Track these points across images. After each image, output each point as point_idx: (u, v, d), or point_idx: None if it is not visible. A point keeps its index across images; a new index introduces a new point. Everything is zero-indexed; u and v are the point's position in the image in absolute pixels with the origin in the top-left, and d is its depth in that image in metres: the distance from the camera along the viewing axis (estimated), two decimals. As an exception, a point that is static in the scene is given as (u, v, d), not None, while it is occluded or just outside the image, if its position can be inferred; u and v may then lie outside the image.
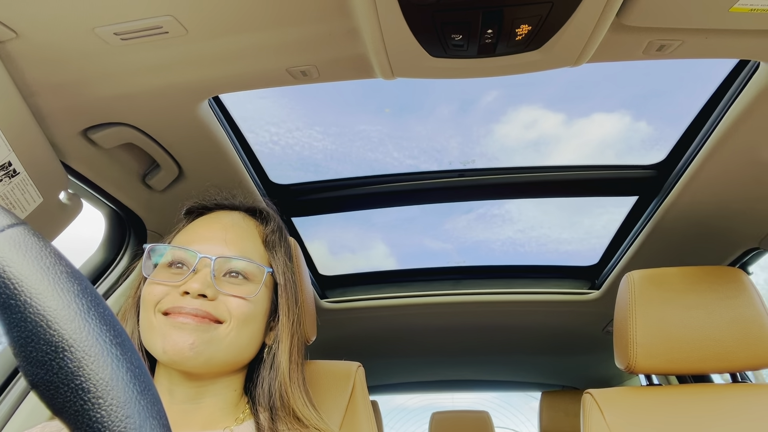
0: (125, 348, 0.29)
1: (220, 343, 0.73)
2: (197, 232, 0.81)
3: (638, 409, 1.15)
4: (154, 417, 0.28)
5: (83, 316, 0.28)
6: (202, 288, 0.72)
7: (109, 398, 0.27)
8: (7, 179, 0.81)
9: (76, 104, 0.92)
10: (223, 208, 0.88)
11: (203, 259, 0.75)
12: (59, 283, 0.28)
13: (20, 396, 1.06)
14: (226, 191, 0.91)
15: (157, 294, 0.73)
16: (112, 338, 0.29)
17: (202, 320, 0.71)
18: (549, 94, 1.70)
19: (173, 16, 0.75)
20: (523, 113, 1.77)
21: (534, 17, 0.73)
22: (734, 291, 1.20)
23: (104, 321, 0.29)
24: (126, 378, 0.28)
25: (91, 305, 0.29)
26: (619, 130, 1.75)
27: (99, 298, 0.30)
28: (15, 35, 0.75)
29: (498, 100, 1.69)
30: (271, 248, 0.85)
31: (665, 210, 1.36)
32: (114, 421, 0.27)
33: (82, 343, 0.27)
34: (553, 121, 1.76)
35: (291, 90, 1.55)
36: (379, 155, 1.70)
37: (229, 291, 0.75)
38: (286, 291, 0.83)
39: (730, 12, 0.73)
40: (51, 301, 0.27)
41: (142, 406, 0.28)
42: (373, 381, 2.91)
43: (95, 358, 0.27)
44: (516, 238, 2.13)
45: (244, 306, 0.76)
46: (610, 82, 1.56)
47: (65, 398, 0.27)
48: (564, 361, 2.61)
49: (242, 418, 0.78)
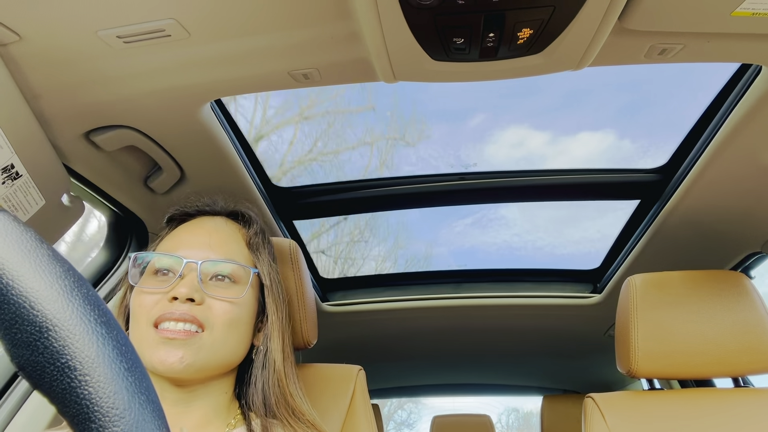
0: (110, 326, 0.29)
1: (209, 350, 0.73)
2: (181, 238, 0.82)
3: (640, 413, 1.15)
4: (142, 392, 0.28)
5: (66, 296, 0.28)
6: (189, 292, 0.72)
7: (96, 375, 0.27)
8: (10, 181, 0.82)
9: (78, 107, 0.92)
10: (204, 213, 0.89)
11: (189, 264, 0.76)
12: (41, 265, 0.28)
13: (20, 400, 1.06)
14: (208, 197, 0.91)
15: (146, 305, 0.74)
16: (97, 317, 0.29)
17: (188, 334, 0.71)
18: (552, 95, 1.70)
19: (176, 20, 0.75)
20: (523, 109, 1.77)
21: (536, 21, 0.73)
22: (736, 295, 1.20)
23: (88, 300, 0.29)
24: (112, 355, 0.28)
25: (74, 286, 0.29)
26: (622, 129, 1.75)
27: (82, 279, 0.30)
28: (18, 38, 0.76)
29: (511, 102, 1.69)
30: (255, 250, 0.85)
31: (667, 214, 1.36)
32: (102, 397, 0.27)
33: (66, 322, 0.27)
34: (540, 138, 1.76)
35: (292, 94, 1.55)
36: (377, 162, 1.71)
37: (216, 294, 0.76)
38: (273, 291, 0.84)
39: (732, 16, 0.73)
40: (33, 282, 0.28)
41: (130, 382, 0.28)
42: (374, 385, 2.90)
43: (80, 337, 0.27)
44: (512, 241, 2.13)
45: (229, 311, 0.76)
46: (617, 82, 1.56)
47: (52, 377, 0.27)
48: (566, 365, 2.60)
49: (234, 424, 0.78)
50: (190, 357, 0.71)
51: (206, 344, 0.73)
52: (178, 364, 0.70)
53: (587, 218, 1.89)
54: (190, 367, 0.71)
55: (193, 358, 0.71)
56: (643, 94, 1.63)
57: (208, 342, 0.73)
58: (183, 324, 0.71)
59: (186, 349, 0.71)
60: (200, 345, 0.72)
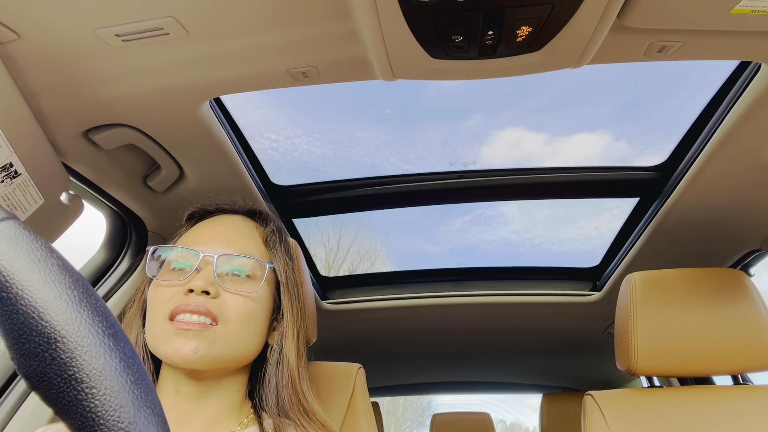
0: (118, 338, 0.29)
1: (223, 343, 0.73)
2: (199, 234, 0.83)
3: (639, 410, 1.15)
4: (148, 406, 0.28)
5: (75, 307, 0.28)
6: (205, 285, 0.73)
7: (103, 388, 0.27)
8: (9, 180, 0.81)
9: (77, 105, 0.92)
10: (223, 211, 0.91)
11: (206, 258, 0.76)
12: (50, 274, 0.28)
13: (20, 398, 1.06)
14: (227, 196, 0.93)
15: (163, 298, 0.74)
16: (105, 329, 0.28)
17: (203, 326, 0.72)
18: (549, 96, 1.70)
19: (174, 18, 0.75)
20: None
21: (535, 19, 0.73)
22: (736, 293, 1.20)
23: (96, 312, 0.29)
24: (119, 368, 0.28)
25: (83, 296, 0.29)
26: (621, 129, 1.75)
27: (91, 289, 0.30)
28: (17, 36, 0.75)
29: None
30: (272, 248, 0.86)
31: (667, 212, 1.36)
32: (108, 410, 0.27)
33: (74, 334, 0.27)
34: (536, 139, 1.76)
35: (292, 98, 1.56)
36: (376, 160, 1.71)
37: (232, 287, 0.76)
38: (288, 289, 0.84)
39: (731, 13, 0.73)
40: (42, 293, 0.27)
41: (136, 395, 0.28)
42: (374, 383, 2.90)
43: (88, 349, 0.27)
44: (511, 239, 2.13)
45: (244, 305, 0.76)
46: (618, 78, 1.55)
47: (59, 389, 0.27)
48: (565, 362, 2.60)
49: (246, 423, 0.78)
50: (204, 348, 0.71)
51: (220, 337, 0.73)
52: (192, 354, 0.70)
53: (583, 217, 1.89)
54: (204, 358, 0.71)
55: (207, 349, 0.71)
56: (641, 92, 1.63)
57: (223, 335, 0.73)
58: (198, 316, 0.72)
59: (200, 340, 0.71)
60: (214, 337, 0.72)
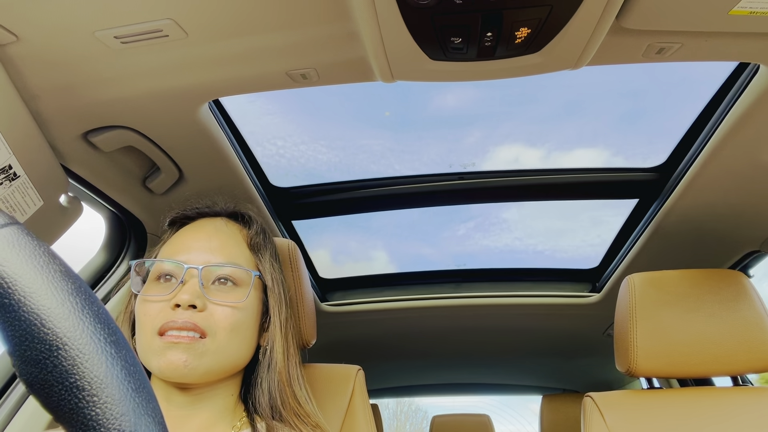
0: (120, 346, 0.29)
1: (212, 355, 0.73)
2: (182, 242, 0.82)
3: (639, 412, 1.15)
4: (149, 414, 0.28)
5: (77, 314, 0.28)
6: (191, 299, 0.73)
7: (104, 396, 0.27)
8: (8, 182, 0.81)
9: (76, 107, 0.92)
10: (205, 215, 0.89)
11: (190, 270, 0.76)
12: (53, 281, 0.28)
13: (19, 401, 1.06)
14: (208, 198, 0.91)
15: (151, 314, 0.74)
16: (107, 336, 0.28)
17: (192, 339, 0.72)
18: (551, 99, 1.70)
19: (173, 20, 0.75)
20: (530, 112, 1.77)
21: (533, 20, 0.73)
22: (735, 294, 1.20)
23: (98, 319, 0.29)
24: (120, 375, 0.28)
25: (86, 303, 0.29)
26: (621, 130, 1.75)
27: (93, 296, 0.30)
28: (16, 39, 0.75)
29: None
30: (256, 251, 0.85)
31: (666, 213, 1.36)
32: (109, 418, 0.26)
33: (76, 341, 0.27)
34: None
35: (299, 105, 1.56)
36: (382, 167, 1.71)
37: (219, 299, 0.76)
38: (275, 292, 0.84)
39: (730, 15, 0.73)
40: (45, 300, 0.27)
41: (137, 403, 0.28)
42: (374, 384, 2.90)
43: (89, 356, 0.27)
44: (514, 245, 2.13)
45: (231, 315, 0.76)
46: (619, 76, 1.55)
47: (60, 396, 0.27)
48: (565, 364, 2.60)
49: (239, 427, 0.78)
50: (194, 361, 0.71)
51: (210, 350, 0.73)
52: (183, 368, 0.70)
53: (582, 228, 1.90)
54: (194, 371, 0.71)
55: (197, 362, 0.71)
56: (640, 92, 1.63)
57: (212, 347, 0.73)
58: (186, 332, 0.72)
59: (190, 353, 0.71)
60: (203, 350, 0.72)
